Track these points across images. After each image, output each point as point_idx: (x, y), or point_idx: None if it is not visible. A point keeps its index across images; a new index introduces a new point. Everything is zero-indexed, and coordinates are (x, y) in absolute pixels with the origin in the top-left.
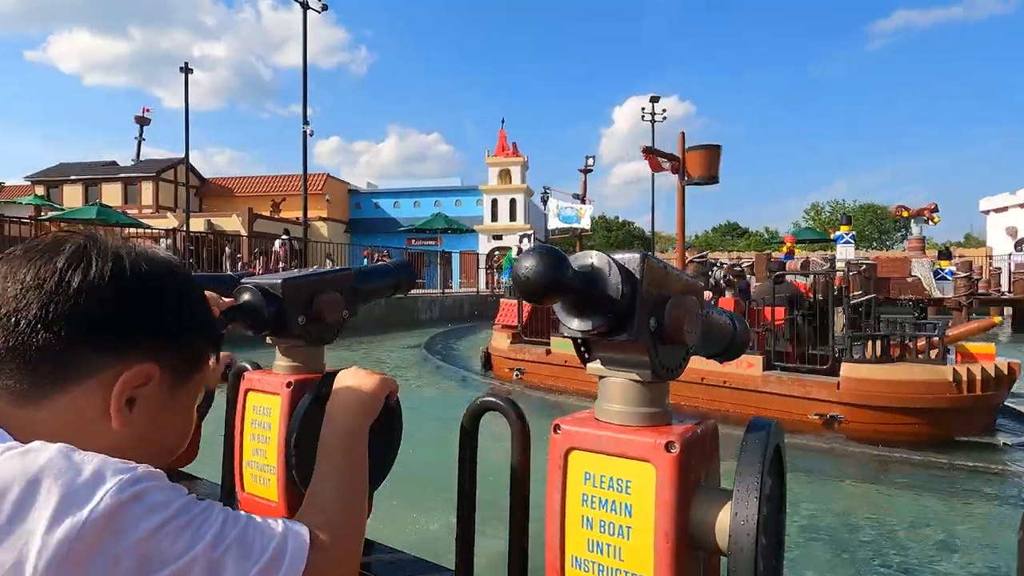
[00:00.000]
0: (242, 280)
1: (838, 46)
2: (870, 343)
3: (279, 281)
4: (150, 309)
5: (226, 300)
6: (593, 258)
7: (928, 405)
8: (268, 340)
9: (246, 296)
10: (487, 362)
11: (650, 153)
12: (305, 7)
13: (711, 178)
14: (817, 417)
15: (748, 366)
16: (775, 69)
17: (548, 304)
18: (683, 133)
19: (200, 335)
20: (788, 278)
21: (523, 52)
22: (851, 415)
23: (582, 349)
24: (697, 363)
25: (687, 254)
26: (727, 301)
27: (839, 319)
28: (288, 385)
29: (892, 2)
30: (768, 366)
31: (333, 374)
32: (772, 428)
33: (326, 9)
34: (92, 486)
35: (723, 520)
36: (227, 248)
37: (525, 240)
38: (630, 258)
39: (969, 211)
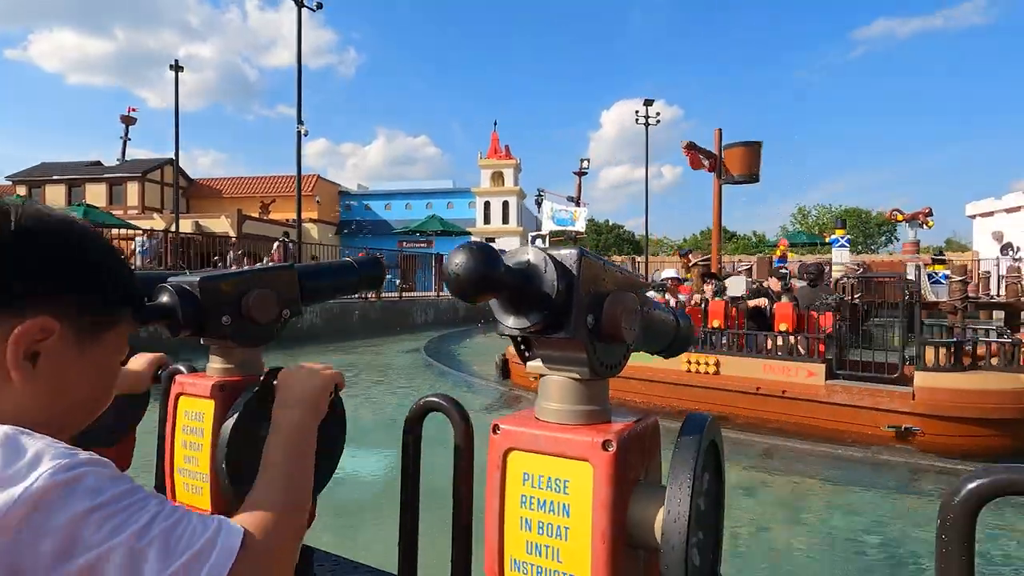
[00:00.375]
0: (167, 280)
1: (823, 51)
2: (929, 349)
3: (196, 279)
4: (35, 265)
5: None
6: (529, 254)
7: (1009, 416)
8: (202, 341)
9: (162, 296)
10: (504, 369)
11: (692, 149)
12: (300, 5)
13: (751, 176)
14: (890, 429)
15: (809, 375)
16: (761, 72)
17: (482, 302)
18: (719, 130)
19: (104, 290)
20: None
21: (512, 54)
22: (925, 426)
23: (522, 348)
24: (753, 371)
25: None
26: (785, 305)
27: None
28: (219, 388)
29: (873, 10)
30: (830, 374)
31: (276, 371)
32: (707, 424)
33: (320, 7)
34: (29, 467)
35: (660, 517)
36: (230, 252)
37: (538, 242)
38: (567, 254)
39: (952, 215)
